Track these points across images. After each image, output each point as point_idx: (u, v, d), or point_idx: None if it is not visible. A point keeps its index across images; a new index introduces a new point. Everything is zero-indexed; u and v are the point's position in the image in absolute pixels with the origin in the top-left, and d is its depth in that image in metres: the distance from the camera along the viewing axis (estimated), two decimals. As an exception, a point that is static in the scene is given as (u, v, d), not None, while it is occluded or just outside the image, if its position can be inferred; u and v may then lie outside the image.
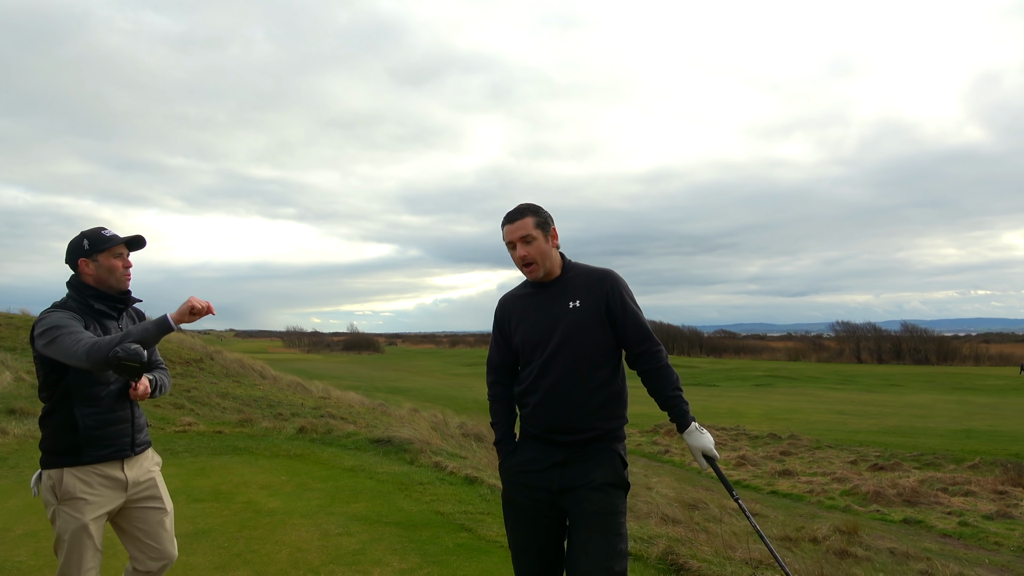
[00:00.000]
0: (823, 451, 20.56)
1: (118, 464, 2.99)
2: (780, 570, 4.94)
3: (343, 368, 62.65)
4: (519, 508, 2.93)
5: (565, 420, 2.84)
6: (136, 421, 3.08)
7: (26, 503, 6.63)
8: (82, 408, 2.89)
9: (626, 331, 2.91)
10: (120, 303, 3.07)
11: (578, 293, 2.92)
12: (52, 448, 2.91)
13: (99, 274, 3.01)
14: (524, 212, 2.93)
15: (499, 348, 3.11)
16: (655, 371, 2.91)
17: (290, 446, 10.42)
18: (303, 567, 4.98)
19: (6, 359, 14.49)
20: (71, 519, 2.83)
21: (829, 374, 63.89)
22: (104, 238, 3.00)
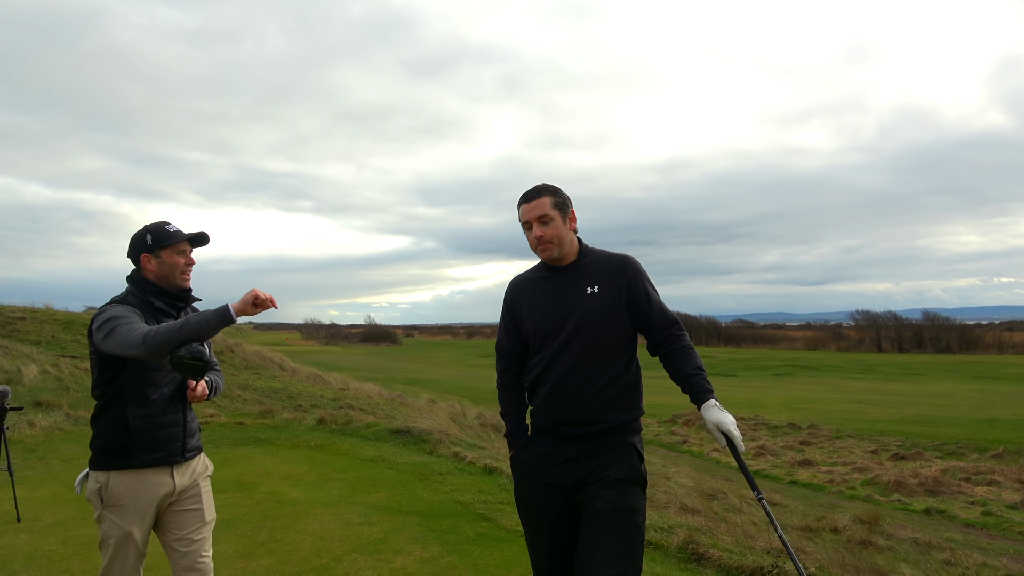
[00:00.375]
0: (843, 441, 20.41)
1: (167, 470, 2.88)
2: (800, 559, 4.93)
3: (361, 360, 63.05)
4: (532, 506, 2.81)
5: (577, 413, 2.70)
6: (188, 425, 2.97)
7: (54, 493, 6.75)
8: (135, 408, 2.79)
9: (651, 318, 2.78)
10: (180, 301, 2.99)
11: (596, 279, 2.78)
12: (101, 448, 2.82)
13: (160, 271, 2.92)
14: (541, 191, 2.80)
15: (508, 334, 2.95)
16: (677, 351, 2.77)
17: (310, 437, 10.53)
18: (326, 556, 5.03)
19: (31, 352, 14.72)
20: (116, 526, 2.75)
21: (849, 363, 63.34)
22: (167, 234, 2.91)
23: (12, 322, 18.55)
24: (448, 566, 4.81)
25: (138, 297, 2.90)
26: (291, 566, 4.80)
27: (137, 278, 2.95)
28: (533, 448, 2.82)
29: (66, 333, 18.53)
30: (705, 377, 2.71)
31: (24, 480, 6.93)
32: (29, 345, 15.97)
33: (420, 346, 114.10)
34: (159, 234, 2.91)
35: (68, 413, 10.91)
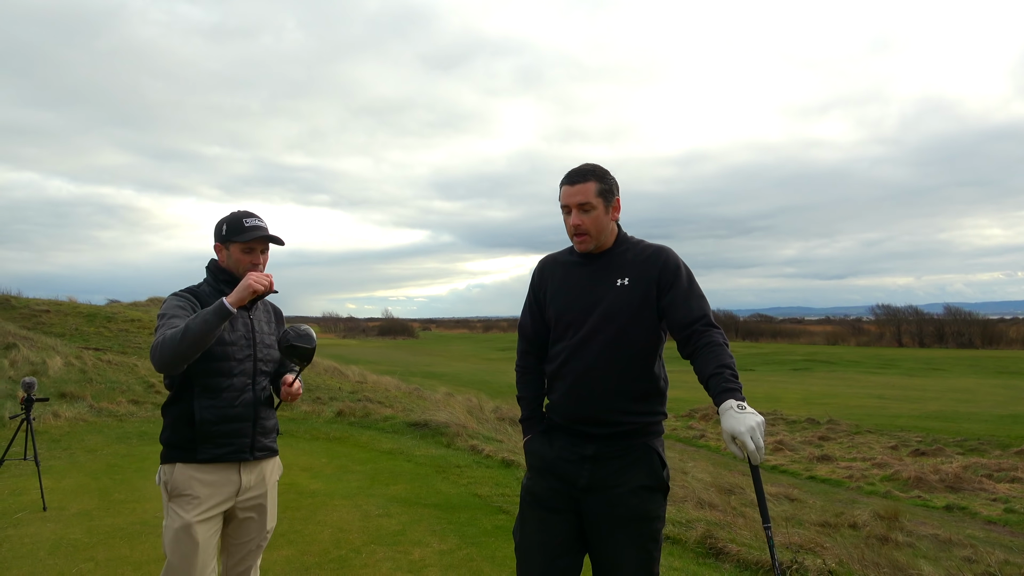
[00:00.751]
0: (863, 436, 20.22)
1: (235, 467, 2.76)
2: (817, 554, 4.90)
3: (379, 353, 63.35)
4: (537, 499, 2.61)
5: (595, 413, 2.51)
6: (260, 423, 2.82)
7: (79, 483, 6.87)
8: (202, 400, 2.68)
9: (675, 313, 2.49)
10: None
11: (628, 270, 2.56)
12: (169, 441, 2.73)
13: (229, 264, 2.83)
14: (587, 175, 2.56)
15: (532, 316, 2.77)
16: (700, 349, 2.41)
17: (329, 429, 10.62)
18: (345, 547, 5.08)
19: (56, 345, 14.94)
20: (176, 517, 2.63)
21: (869, 358, 62.69)
22: (240, 228, 2.79)
23: (37, 315, 18.83)
24: (466, 558, 4.84)
25: (211, 286, 2.83)
26: (311, 557, 4.85)
27: (213, 266, 2.89)
28: (550, 439, 2.65)
29: (89, 326, 18.79)
30: (728, 375, 2.31)
31: (49, 470, 7.05)
32: (53, 337, 16.22)
33: (437, 339, 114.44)
34: (233, 227, 2.81)
35: (91, 404, 11.08)
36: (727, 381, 2.28)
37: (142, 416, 11.08)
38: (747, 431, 2.11)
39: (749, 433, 2.11)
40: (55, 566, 4.61)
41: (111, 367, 14.01)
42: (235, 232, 2.79)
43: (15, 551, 4.88)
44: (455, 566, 4.71)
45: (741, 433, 2.11)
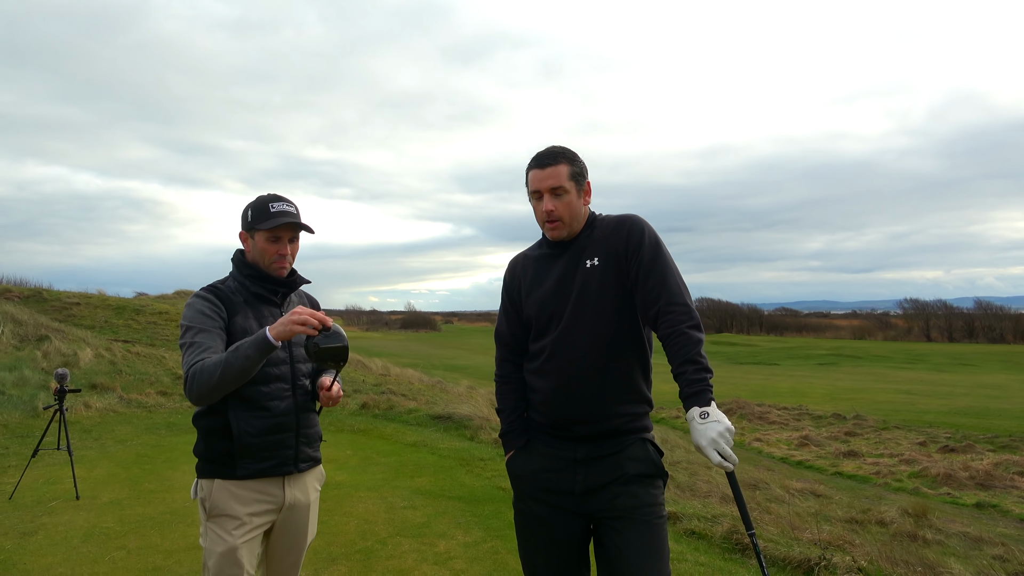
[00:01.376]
0: (890, 432, 19.96)
1: (279, 481, 2.51)
2: (846, 551, 4.85)
3: (401, 346, 63.71)
4: (535, 519, 2.40)
5: (582, 410, 2.33)
6: (304, 431, 2.56)
7: (110, 473, 6.99)
8: (240, 411, 2.41)
9: (645, 283, 2.29)
10: (282, 286, 2.59)
11: (595, 249, 2.38)
12: (204, 455, 2.47)
13: (253, 253, 2.55)
14: (558, 157, 2.38)
15: (508, 319, 2.59)
16: (669, 337, 2.22)
17: (353, 421, 10.70)
18: (371, 538, 5.12)
19: (86, 336, 15.21)
20: (219, 540, 2.38)
21: (896, 353, 61.84)
22: (266, 214, 2.49)
23: (68, 307, 19.17)
24: (491, 551, 4.86)
25: (237, 281, 2.55)
26: (337, 547, 4.89)
27: (237, 259, 2.60)
28: (534, 450, 2.45)
29: (118, 318, 19.09)
30: (690, 375, 2.14)
31: (81, 460, 7.19)
32: (84, 329, 16.51)
33: (459, 332, 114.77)
34: (257, 213, 2.50)
35: (121, 395, 11.27)
36: (689, 384, 2.13)
37: (170, 407, 11.25)
38: (709, 443, 2.01)
39: (712, 446, 2.01)
40: (89, 553, 4.70)
41: (140, 359, 14.23)
42: (260, 218, 2.48)
43: (50, 538, 4.98)
44: (480, 558, 4.72)
45: (703, 447, 2.02)
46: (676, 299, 2.26)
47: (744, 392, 28.62)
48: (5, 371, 11.03)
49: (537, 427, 2.47)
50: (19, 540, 4.94)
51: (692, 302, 2.31)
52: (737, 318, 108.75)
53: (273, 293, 2.57)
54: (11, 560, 4.55)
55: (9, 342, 12.97)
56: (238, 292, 2.52)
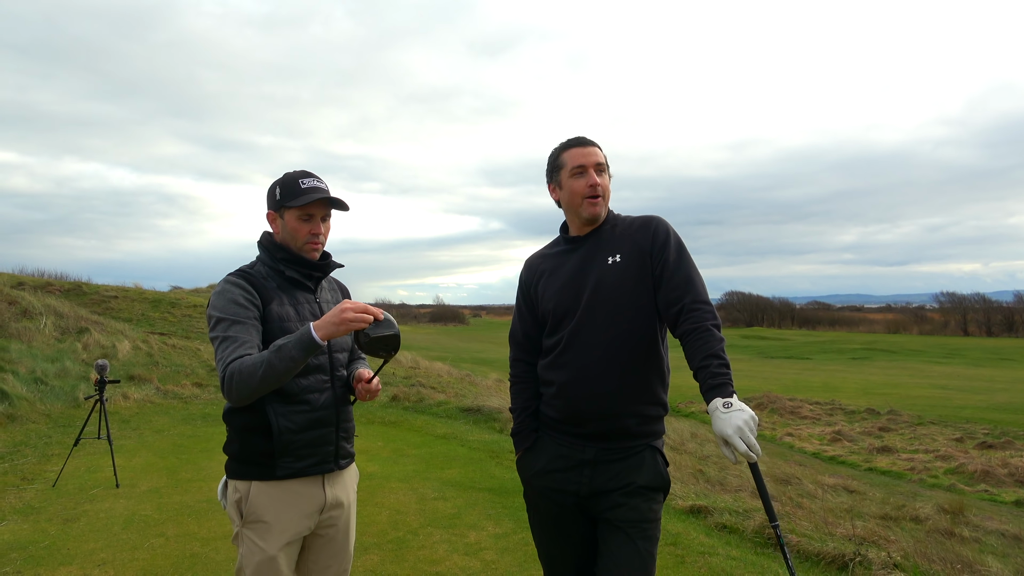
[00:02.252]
0: (925, 427, 19.61)
1: (319, 480, 2.34)
2: (881, 547, 4.79)
3: (430, 339, 64.08)
4: (545, 516, 2.44)
5: (595, 406, 2.31)
6: (343, 426, 2.41)
7: (148, 462, 7.15)
8: (278, 406, 2.24)
9: (670, 281, 2.30)
10: (316, 270, 2.41)
11: (618, 245, 2.38)
12: (240, 455, 2.29)
13: (283, 235, 2.36)
14: (594, 141, 2.47)
15: (522, 318, 2.58)
16: (689, 334, 2.22)
17: (384, 414, 10.81)
18: (403, 528, 5.18)
19: (124, 329, 15.55)
20: (256, 549, 2.21)
21: (932, 347, 60.67)
22: (296, 191, 2.31)
23: (106, 300, 19.61)
24: (522, 542, 4.88)
25: (268, 265, 2.37)
26: (370, 537, 4.95)
27: (267, 242, 2.40)
28: (542, 450, 2.45)
29: (154, 311, 19.48)
30: (714, 368, 2.13)
31: (121, 449, 7.37)
32: (122, 322, 16.88)
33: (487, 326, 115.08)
34: (288, 189, 2.33)
35: (158, 387, 11.52)
36: (712, 376, 2.12)
37: (206, 399, 11.46)
38: (735, 431, 1.99)
39: (737, 434, 1.99)
40: (128, 540, 4.82)
41: (175, 351, 14.51)
42: (290, 195, 2.31)
43: (92, 525, 5.12)
44: (510, 549, 4.75)
45: (729, 435, 1.99)
46: (701, 297, 2.28)
47: (776, 387, 28.32)
48: (48, 362, 11.33)
49: (548, 423, 2.46)
50: (63, 526, 5.09)
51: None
52: (768, 312, 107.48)
53: (307, 278, 2.40)
54: (55, 545, 4.69)
55: (51, 334, 13.31)
56: (271, 277, 2.34)
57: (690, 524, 5.41)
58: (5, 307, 13.74)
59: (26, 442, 7.78)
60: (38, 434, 8.21)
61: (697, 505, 5.74)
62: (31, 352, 11.60)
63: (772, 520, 2.13)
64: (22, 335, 12.48)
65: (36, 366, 10.89)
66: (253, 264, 2.40)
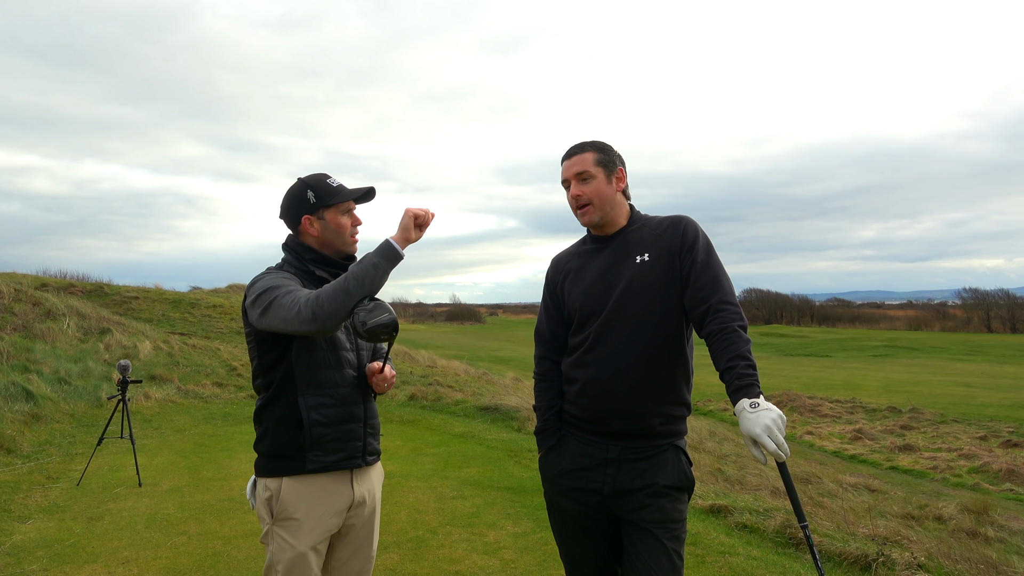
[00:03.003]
0: (948, 426, 19.36)
1: (347, 475, 2.36)
2: (904, 547, 4.74)
3: (447, 338, 64.22)
4: (568, 515, 2.44)
5: (621, 404, 2.31)
6: (370, 421, 2.44)
7: (170, 461, 7.23)
8: (310, 398, 2.27)
9: (698, 280, 2.30)
10: (344, 269, 2.42)
11: (646, 245, 2.39)
12: (270, 450, 2.29)
13: (324, 235, 2.39)
14: (584, 147, 2.45)
15: (548, 316, 2.58)
16: (716, 335, 2.22)
17: (402, 412, 10.85)
18: (422, 527, 5.19)
19: (145, 329, 15.72)
20: (287, 546, 2.22)
21: (955, 344, 59.86)
22: (332, 190, 2.37)
23: (127, 301, 19.84)
24: (540, 542, 4.88)
25: (296, 267, 2.39)
26: (390, 536, 4.97)
27: (295, 244, 2.42)
28: (566, 449, 2.45)
29: (175, 312, 19.68)
30: (740, 369, 2.14)
31: (143, 448, 7.45)
32: (143, 323, 17.07)
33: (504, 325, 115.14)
34: (322, 190, 2.37)
35: (179, 387, 11.64)
36: (739, 377, 2.12)
37: (225, 398, 11.57)
38: (763, 431, 1.99)
39: (766, 432, 1.99)
40: (151, 539, 4.87)
41: (196, 351, 14.65)
42: (328, 194, 2.36)
43: (115, 523, 5.19)
44: (530, 549, 4.75)
45: (758, 434, 1.99)
46: (728, 298, 2.28)
47: (795, 384, 28.08)
48: (71, 362, 11.48)
49: (571, 421, 2.46)
50: (87, 524, 5.16)
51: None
52: (787, 309, 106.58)
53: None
54: (80, 543, 4.75)
55: (74, 335, 13.49)
56: (301, 278, 2.35)
57: (710, 523, 5.38)
58: (30, 308, 13.95)
59: (51, 441, 7.90)
60: (62, 433, 8.33)
61: (717, 504, 5.70)
62: (55, 352, 11.77)
63: (801, 520, 2.12)
64: (46, 336, 12.66)
65: (60, 366, 11.04)
66: (281, 266, 2.42)
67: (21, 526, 5.09)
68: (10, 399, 8.80)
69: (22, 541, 4.77)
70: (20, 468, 6.71)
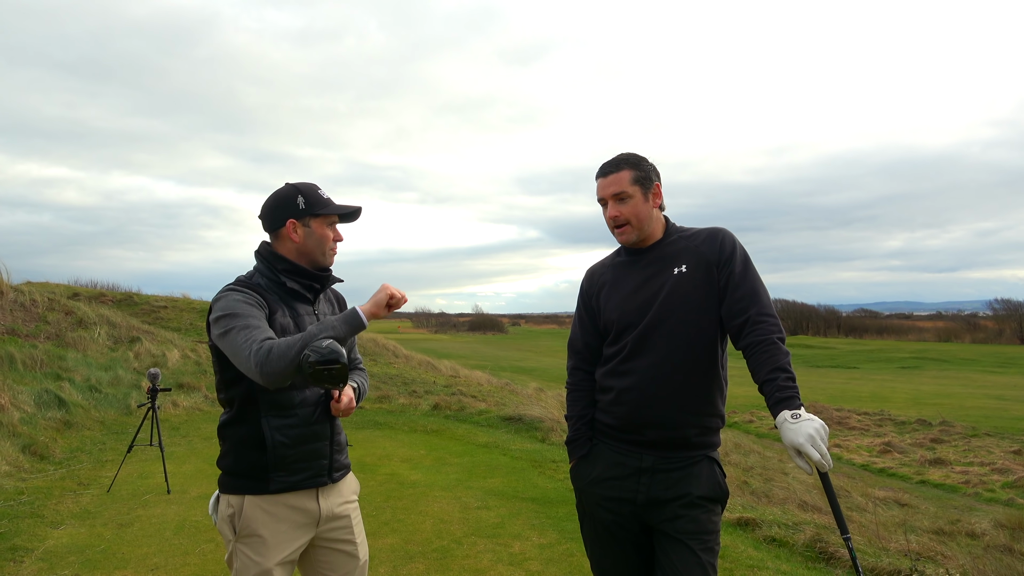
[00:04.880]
0: (980, 439, 18.98)
1: (312, 493, 2.32)
2: (938, 563, 4.65)
3: (469, 348, 64.29)
4: (600, 525, 2.43)
5: (656, 414, 2.31)
6: (336, 438, 2.39)
7: (197, 468, 7.30)
8: (272, 419, 2.23)
9: (735, 292, 2.30)
10: (318, 282, 2.40)
11: (684, 257, 2.38)
12: (232, 468, 2.28)
13: (306, 243, 2.34)
14: (620, 164, 2.43)
15: (583, 327, 2.58)
16: (754, 346, 2.22)
17: (426, 422, 10.87)
18: (447, 537, 5.19)
19: (173, 338, 15.94)
20: (251, 563, 2.20)
21: (986, 356, 58.72)
22: (323, 200, 2.35)
23: (156, 310, 20.14)
24: (566, 553, 4.85)
25: (267, 277, 2.35)
26: (414, 546, 4.98)
27: (268, 252, 2.37)
28: (599, 457, 2.45)
29: (202, 321, 19.92)
30: (781, 381, 2.13)
31: (171, 456, 7.54)
32: (171, 331, 17.31)
33: (526, 335, 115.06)
34: (313, 199, 2.34)
35: (206, 395, 11.77)
36: (779, 389, 2.12)
37: (252, 406, 11.68)
38: (807, 440, 1.98)
39: (809, 442, 1.98)
40: (180, 545, 4.92)
41: (223, 360, 14.83)
42: (317, 204, 2.34)
43: (144, 530, 5.25)
44: (555, 560, 4.72)
45: (801, 444, 1.98)
46: (767, 310, 2.29)
47: (822, 396, 27.70)
48: (101, 371, 11.67)
49: (604, 430, 2.45)
50: (117, 530, 5.22)
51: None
52: (813, 320, 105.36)
53: (308, 289, 2.38)
54: (111, 549, 4.82)
55: (104, 343, 13.72)
56: (271, 289, 2.32)
57: (738, 537, 5.31)
58: (62, 317, 14.21)
59: (82, 448, 8.02)
60: (93, 440, 8.46)
61: (745, 517, 5.63)
62: (86, 361, 11.97)
63: (843, 532, 2.10)
64: (78, 344, 12.89)
65: (91, 374, 11.23)
66: (251, 275, 2.37)
67: (54, 531, 5.17)
68: (43, 406, 8.95)
69: (55, 546, 4.85)
70: (52, 474, 6.82)
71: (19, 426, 7.83)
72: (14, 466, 6.81)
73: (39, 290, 15.85)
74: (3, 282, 13.68)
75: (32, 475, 6.70)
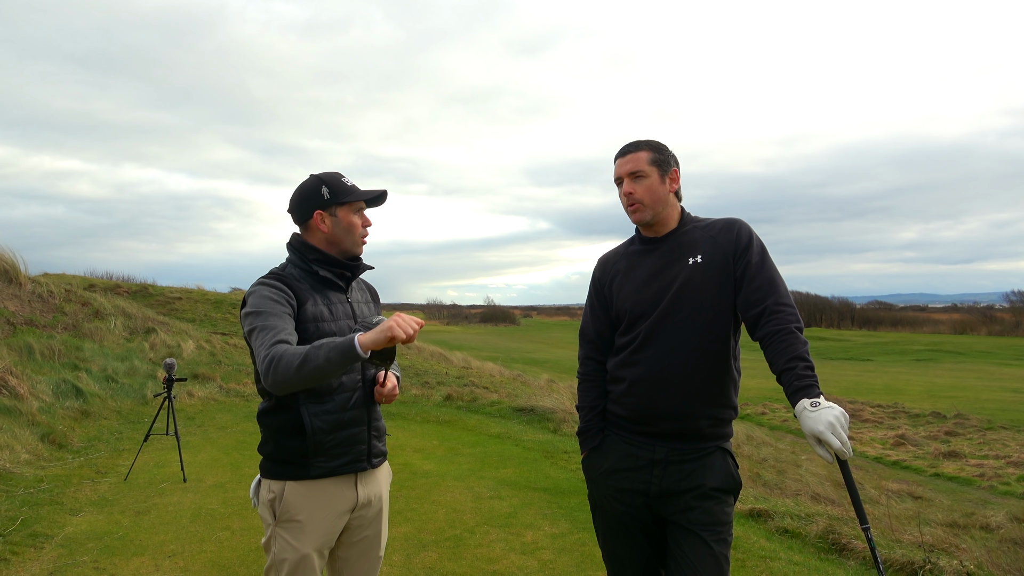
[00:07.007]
0: (996, 432, 18.83)
1: (351, 479, 2.37)
2: (952, 555, 4.63)
3: (481, 339, 64.41)
4: (612, 516, 2.43)
5: (669, 405, 2.29)
6: (375, 425, 2.42)
7: (213, 457, 7.37)
8: (312, 405, 2.27)
9: (752, 282, 2.28)
10: (349, 270, 2.43)
11: (699, 247, 2.36)
12: (273, 454, 2.32)
13: (335, 232, 2.38)
14: (640, 145, 2.43)
15: (595, 316, 2.54)
16: (772, 336, 2.19)
17: (439, 413, 10.92)
18: (459, 527, 5.22)
19: (188, 329, 16.07)
20: (290, 547, 2.24)
21: (1002, 348, 58.19)
22: (347, 188, 2.38)
23: (171, 302, 20.30)
24: (578, 543, 4.87)
25: (299, 267, 2.39)
26: (428, 535, 5.02)
27: (299, 243, 2.42)
28: (611, 449, 2.43)
29: (216, 312, 20.07)
30: (800, 370, 2.11)
31: (187, 445, 7.62)
32: (186, 322, 17.45)
33: (538, 326, 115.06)
34: (337, 187, 2.37)
35: (221, 385, 11.88)
36: (799, 378, 2.09)
37: (266, 397, 11.77)
38: (827, 427, 1.95)
39: (830, 429, 1.95)
40: (196, 533, 4.98)
41: (237, 350, 14.93)
42: (342, 192, 2.37)
43: (161, 517, 5.31)
44: (567, 550, 4.75)
45: (821, 432, 1.95)
46: (784, 300, 2.26)
47: (835, 389, 27.58)
48: (118, 361, 11.79)
49: (616, 421, 2.43)
50: (134, 518, 5.29)
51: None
52: (827, 312, 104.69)
53: (340, 278, 2.42)
54: (128, 536, 4.88)
55: (120, 334, 13.85)
56: (303, 278, 2.36)
57: (750, 528, 5.31)
58: (79, 308, 14.36)
59: (99, 437, 8.12)
60: (110, 430, 8.56)
61: (757, 508, 5.63)
62: (103, 351, 12.09)
63: (863, 522, 2.09)
64: (94, 335, 13.01)
65: (107, 364, 11.35)
66: (284, 266, 2.42)
67: (73, 519, 5.24)
68: (61, 396, 9.07)
69: (74, 533, 4.92)
70: (71, 463, 6.91)
71: (38, 415, 7.94)
72: (33, 454, 6.90)
73: (56, 281, 16.01)
74: (21, 274, 13.83)
75: (51, 463, 6.79)
